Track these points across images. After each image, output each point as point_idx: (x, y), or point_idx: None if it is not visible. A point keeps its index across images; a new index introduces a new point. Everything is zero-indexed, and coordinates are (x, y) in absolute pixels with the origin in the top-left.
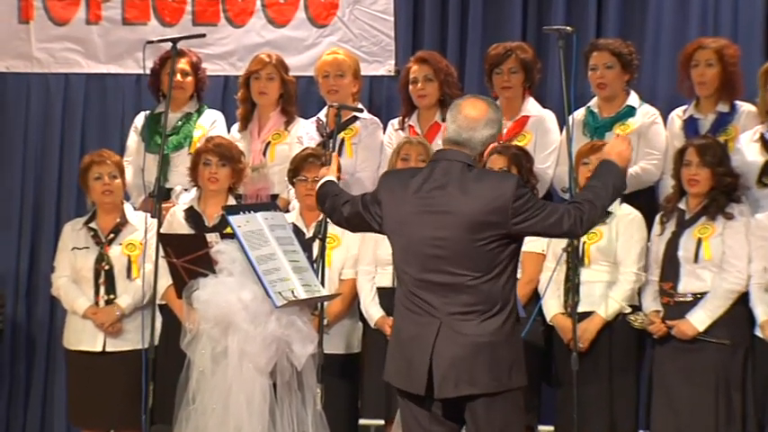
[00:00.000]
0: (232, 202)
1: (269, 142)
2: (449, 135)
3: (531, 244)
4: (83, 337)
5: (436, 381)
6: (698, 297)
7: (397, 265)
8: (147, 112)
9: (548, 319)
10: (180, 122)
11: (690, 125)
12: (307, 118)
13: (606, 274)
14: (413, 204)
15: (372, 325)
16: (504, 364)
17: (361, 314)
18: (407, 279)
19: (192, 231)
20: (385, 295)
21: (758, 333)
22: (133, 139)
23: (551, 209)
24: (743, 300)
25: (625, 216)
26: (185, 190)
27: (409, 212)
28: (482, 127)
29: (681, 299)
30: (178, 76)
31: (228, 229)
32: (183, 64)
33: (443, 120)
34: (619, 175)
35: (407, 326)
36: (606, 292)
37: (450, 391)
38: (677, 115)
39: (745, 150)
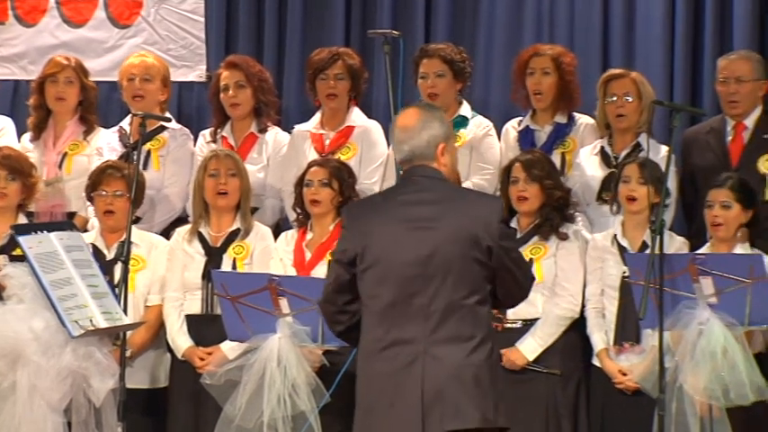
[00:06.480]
0: (23, 220)
1: (65, 153)
2: (397, 157)
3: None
4: None
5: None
6: (528, 323)
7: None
8: None
9: None
10: None
11: (525, 137)
12: (108, 127)
13: None
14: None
15: (180, 356)
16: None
17: (168, 344)
18: None
19: None
20: (194, 323)
21: (595, 362)
22: None
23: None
24: (576, 326)
25: None
26: None
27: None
28: (419, 131)
29: (510, 325)
30: None
31: (18, 251)
32: None
33: (260, 130)
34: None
35: None
36: None
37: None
38: (512, 126)
39: (585, 165)
